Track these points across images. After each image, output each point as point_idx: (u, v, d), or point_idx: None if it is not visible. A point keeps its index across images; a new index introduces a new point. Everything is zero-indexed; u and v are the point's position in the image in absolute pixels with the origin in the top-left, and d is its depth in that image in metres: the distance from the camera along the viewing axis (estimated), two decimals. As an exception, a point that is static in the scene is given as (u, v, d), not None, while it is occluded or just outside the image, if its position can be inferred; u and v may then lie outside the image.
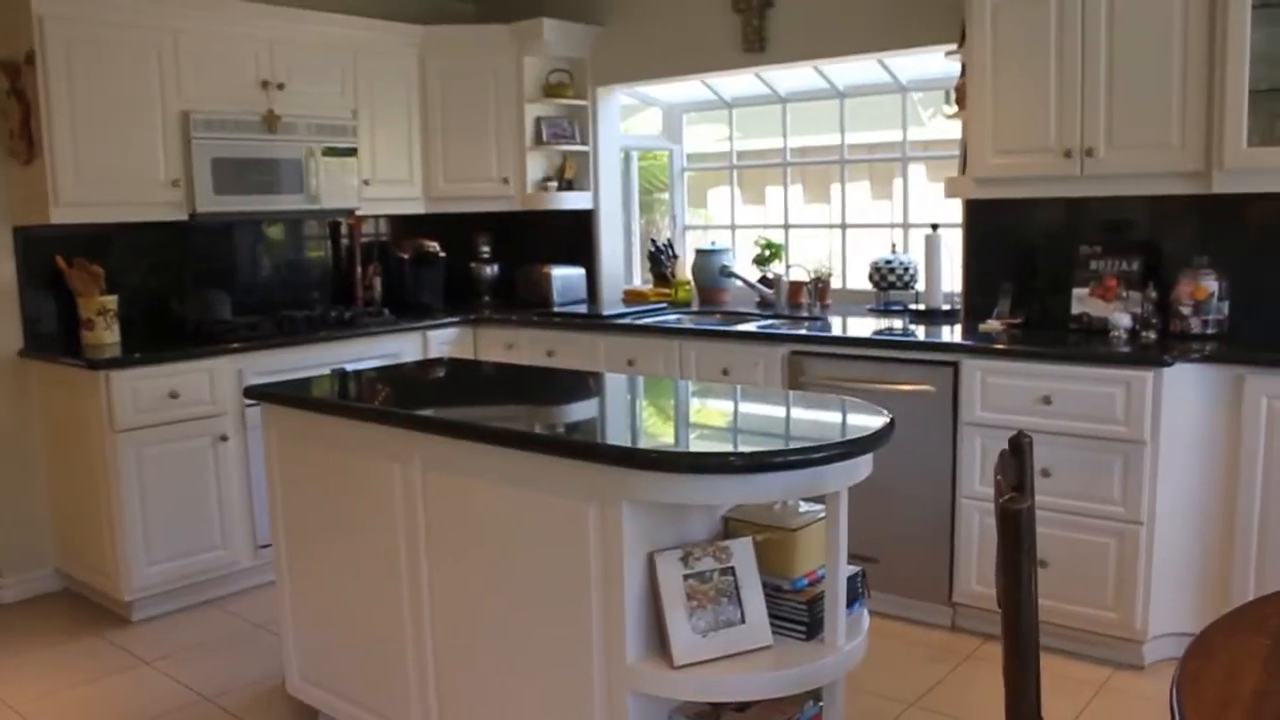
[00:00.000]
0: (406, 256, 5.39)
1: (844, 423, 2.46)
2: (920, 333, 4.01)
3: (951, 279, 4.39)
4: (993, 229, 4.18)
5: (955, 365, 3.63)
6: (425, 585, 2.67)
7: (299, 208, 4.74)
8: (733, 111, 5.46)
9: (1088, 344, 3.55)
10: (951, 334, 3.97)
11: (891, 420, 2.30)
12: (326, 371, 4.44)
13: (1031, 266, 4.09)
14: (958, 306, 4.35)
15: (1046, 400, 3.43)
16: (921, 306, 4.47)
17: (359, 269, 5.31)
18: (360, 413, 2.76)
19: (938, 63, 4.42)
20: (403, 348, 4.87)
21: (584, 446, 2.27)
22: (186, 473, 4.16)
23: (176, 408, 4.11)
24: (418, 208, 5.31)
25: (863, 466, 2.23)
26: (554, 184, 5.35)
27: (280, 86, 4.65)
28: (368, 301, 5.28)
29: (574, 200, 5.40)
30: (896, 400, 3.70)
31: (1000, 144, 3.78)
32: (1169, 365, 3.26)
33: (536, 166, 5.36)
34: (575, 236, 5.54)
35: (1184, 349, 3.36)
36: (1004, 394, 3.52)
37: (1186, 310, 3.61)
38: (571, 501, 2.26)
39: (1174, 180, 3.49)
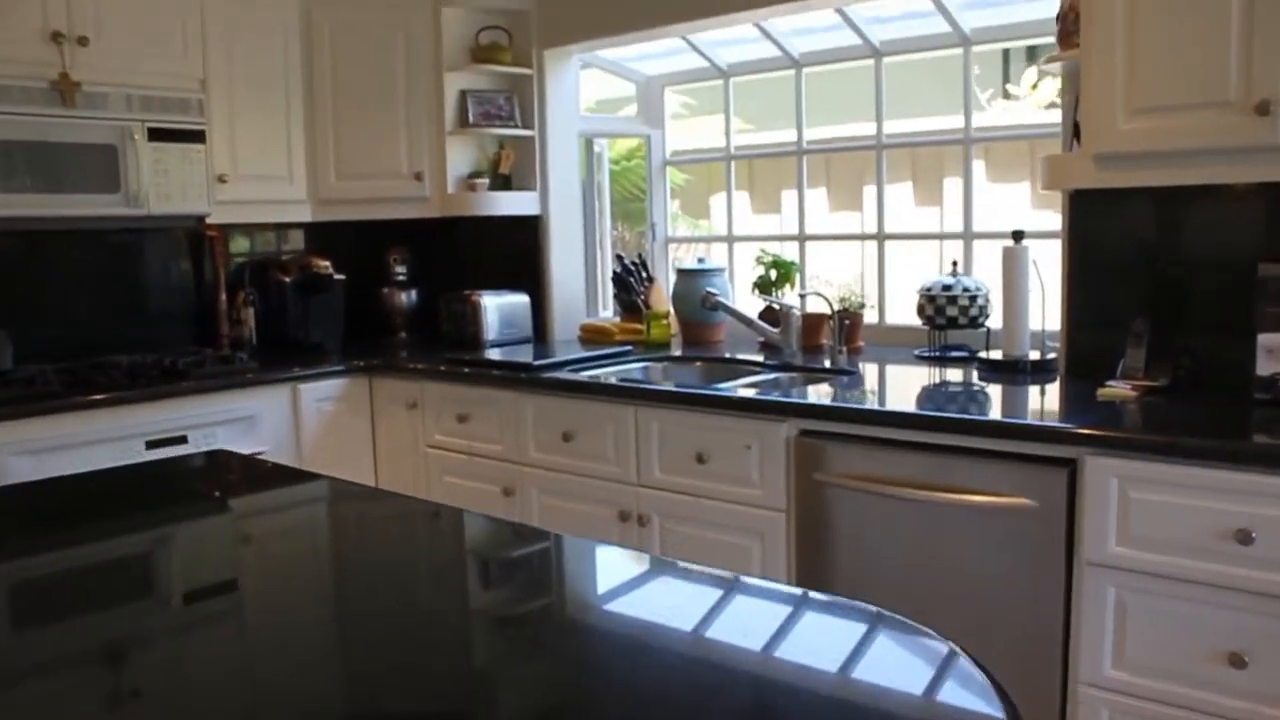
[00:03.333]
0: (289, 279, 4.00)
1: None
2: (993, 399, 2.56)
3: (1044, 313, 2.94)
4: (1113, 237, 2.72)
5: (1073, 465, 2.17)
6: None
7: (110, 212, 3.36)
8: (729, 82, 4.02)
9: (1302, 432, 2.09)
10: (1060, 406, 2.51)
11: None
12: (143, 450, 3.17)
13: (1177, 295, 2.62)
14: (1052, 355, 2.89)
15: (1242, 536, 1.96)
16: (997, 354, 3.01)
17: (223, 297, 3.93)
18: None
19: (1009, 8, 3.08)
20: (261, 408, 3.46)
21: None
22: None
23: None
24: (301, 214, 3.90)
25: None
26: (484, 181, 3.93)
27: (81, 41, 3.28)
28: (235, 340, 3.89)
29: (513, 203, 3.98)
30: (972, 522, 2.25)
31: (1141, 98, 2.31)
32: None
33: (461, 158, 3.94)
34: (520, 252, 4.11)
35: None
36: (1161, 519, 2.06)
37: None
38: None
39: None
